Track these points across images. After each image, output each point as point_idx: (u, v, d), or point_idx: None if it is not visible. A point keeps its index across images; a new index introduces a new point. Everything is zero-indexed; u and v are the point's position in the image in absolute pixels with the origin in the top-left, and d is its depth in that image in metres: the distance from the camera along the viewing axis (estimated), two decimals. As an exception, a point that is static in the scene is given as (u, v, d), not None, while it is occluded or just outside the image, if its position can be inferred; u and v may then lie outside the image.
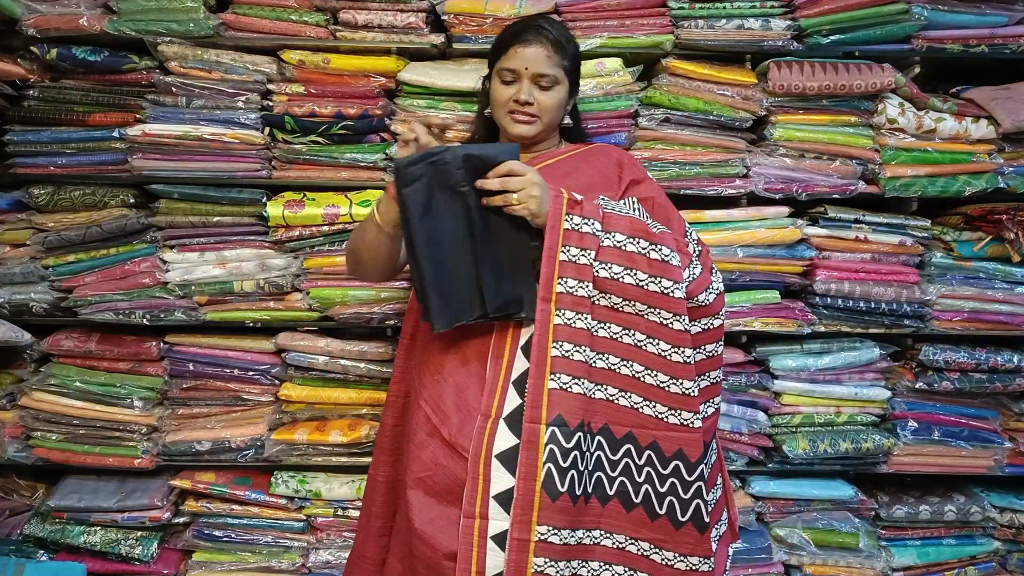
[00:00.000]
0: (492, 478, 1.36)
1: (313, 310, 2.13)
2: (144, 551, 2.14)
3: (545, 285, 1.37)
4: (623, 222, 1.42)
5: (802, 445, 2.15)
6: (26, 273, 2.11)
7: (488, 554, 1.33)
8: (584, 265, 1.38)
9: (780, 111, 2.09)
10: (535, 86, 1.56)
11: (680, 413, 1.39)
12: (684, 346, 1.38)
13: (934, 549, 2.23)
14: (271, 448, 2.13)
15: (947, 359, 2.14)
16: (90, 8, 2.03)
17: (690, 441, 1.39)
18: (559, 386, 1.35)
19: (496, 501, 1.35)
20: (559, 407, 1.35)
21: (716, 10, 2.05)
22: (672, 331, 1.38)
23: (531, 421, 1.34)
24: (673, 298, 1.38)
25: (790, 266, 2.14)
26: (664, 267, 1.40)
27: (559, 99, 1.59)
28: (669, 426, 1.39)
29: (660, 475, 1.38)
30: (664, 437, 1.39)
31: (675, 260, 1.41)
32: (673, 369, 1.39)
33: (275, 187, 2.11)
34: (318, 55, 2.06)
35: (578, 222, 1.39)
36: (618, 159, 1.64)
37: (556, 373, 1.35)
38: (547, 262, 1.38)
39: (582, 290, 1.38)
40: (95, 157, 2.06)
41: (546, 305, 1.37)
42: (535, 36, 1.57)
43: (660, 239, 1.42)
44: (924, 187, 2.12)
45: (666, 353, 1.38)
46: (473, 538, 1.34)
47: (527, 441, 1.33)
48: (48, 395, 2.13)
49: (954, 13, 2.10)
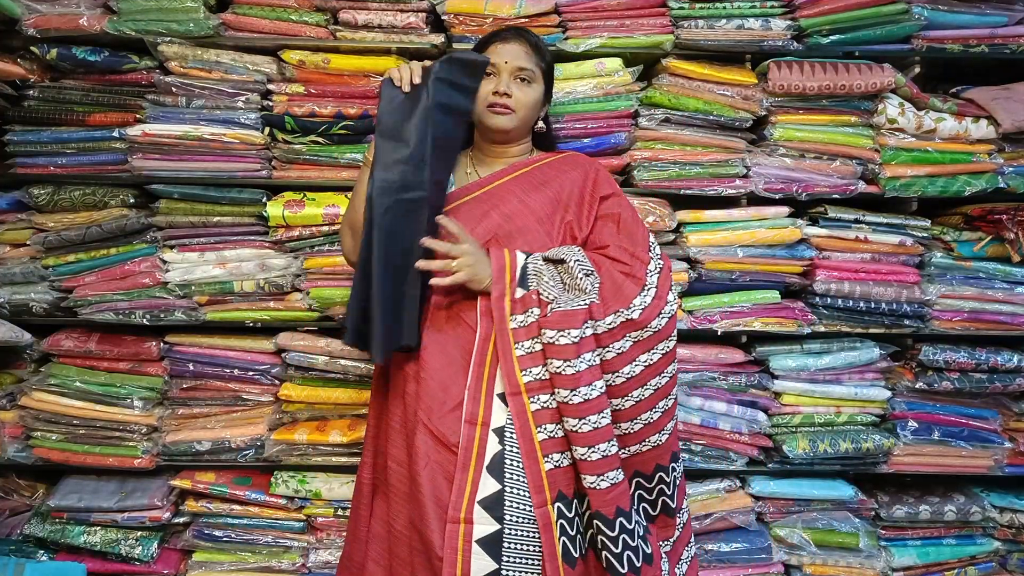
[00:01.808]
0: (480, 485, 1.40)
1: (313, 310, 2.13)
2: (144, 551, 2.14)
3: (510, 381, 1.43)
4: (553, 319, 1.44)
5: (802, 445, 2.15)
6: (26, 273, 2.12)
7: (472, 558, 1.37)
8: (538, 352, 1.45)
9: (780, 111, 2.09)
10: (514, 80, 1.62)
11: (607, 476, 1.43)
12: (589, 414, 1.41)
13: (934, 549, 2.23)
14: (271, 448, 2.13)
15: (947, 359, 2.14)
16: (90, 8, 2.03)
17: (622, 494, 1.45)
18: (554, 465, 1.43)
19: (480, 506, 1.39)
20: (557, 484, 1.42)
21: (716, 10, 2.05)
22: (573, 406, 1.41)
23: (540, 506, 1.40)
24: (567, 375, 1.41)
25: (790, 266, 2.14)
26: (561, 349, 1.42)
27: (536, 97, 1.65)
28: (603, 491, 1.43)
29: (611, 537, 1.43)
30: (604, 503, 1.43)
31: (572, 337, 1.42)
32: (586, 439, 1.42)
33: (275, 187, 2.11)
34: (318, 55, 2.06)
35: (521, 320, 1.46)
36: (590, 174, 1.67)
37: (548, 455, 1.42)
38: (505, 360, 1.44)
39: (544, 373, 1.44)
40: (95, 157, 2.06)
41: (517, 398, 1.43)
42: (514, 35, 1.66)
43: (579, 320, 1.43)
44: (924, 187, 2.12)
45: (576, 428, 1.42)
46: (458, 543, 1.38)
47: (543, 526, 1.40)
48: (48, 395, 2.13)
49: (954, 13, 2.10)
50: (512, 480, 1.40)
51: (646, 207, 2.08)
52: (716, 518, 2.18)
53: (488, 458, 1.42)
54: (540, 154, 1.74)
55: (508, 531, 1.38)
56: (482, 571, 1.37)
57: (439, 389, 1.48)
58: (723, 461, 2.19)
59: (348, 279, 2.10)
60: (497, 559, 1.37)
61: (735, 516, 2.19)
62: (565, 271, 1.51)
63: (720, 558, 2.17)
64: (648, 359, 1.50)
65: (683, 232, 2.13)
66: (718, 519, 2.18)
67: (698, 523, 2.18)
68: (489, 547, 1.38)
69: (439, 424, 1.45)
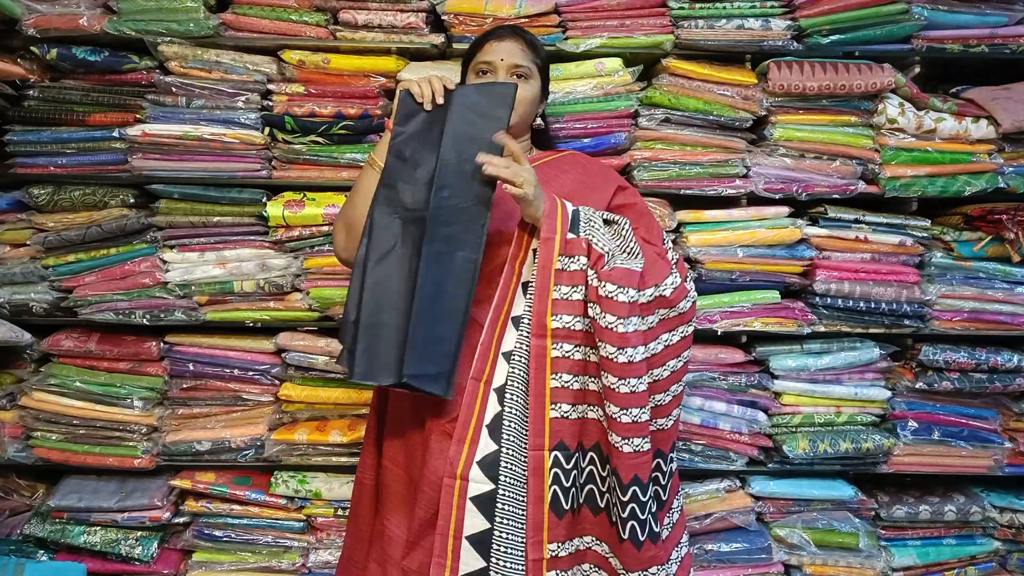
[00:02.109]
0: (480, 444, 1.40)
1: (313, 310, 2.13)
2: (144, 551, 2.14)
3: (538, 322, 1.40)
4: (616, 273, 1.40)
5: (802, 445, 2.15)
6: (26, 273, 2.12)
7: (466, 515, 1.38)
8: (575, 301, 1.41)
9: (780, 111, 2.09)
10: (510, 76, 1.60)
11: (632, 440, 1.40)
12: (629, 376, 1.39)
13: (934, 549, 2.23)
14: (271, 448, 2.13)
15: (947, 359, 2.14)
16: (90, 8, 2.03)
17: (642, 464, 1.42)
18: (560, 415, 1.41)
19: (478, 465, 1.39)
20: (560, 434, 1.41)
21: (716, 10, 2.05)
22: (618, 364, 1.38)
23: (535, 448, 1.40)
24: (617, 332, 1.38)
25: (790, 266, 2.14)
26: (618, 305, 1.39)
27: (533, 94, 1.63)
28: (625, 455, 1.40)
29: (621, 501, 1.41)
30: (622, 465, 1.40)
31: (630, 296, 1.40)
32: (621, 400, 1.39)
33: (275, 187, 2.11)
34: (318, 55, 2.06)
35: (565, 262, 1.42)
36: (598, 173, 1.67)
37: (556, 403, 1.41)
38: (540, 300, 1.40)
39: (575, 323, 1.41)
40: (95, 157, 2.06)
41: (541, 340, 1.40)
42: (509, 32, 1.64)
43: (640, 281, 1.42)
44: (924, 187, 2.12)
45: (613, 386, 1.39)
46: (453, 498, 1.38)
47: (533, 468, 1.39)
48: (48, 395, 2.13)
49: (954, 13, 2.10)
50: (508, 441, 1.39)
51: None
52: (716, 518, 2.18)
53: (488, 417, 1.41)
54: (540, 153, 1.74)
55: (502, 491, 1.38)
56: (475, 528, 1.38)
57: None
58: (723, 461, 2.19)
59: (348, 279, 2.09)
60: (490, 518, 1.38)
61: (735, 516, 2.19)
62: (617, 233, 1.49)
63: (720, 558, 2.17)
64: (669, 339, 1.50)
65: (683, 232, 2.12)
66: (718, 519, 2.18)
67: (698, 523, 2.18)
68: (483, 505, 1.38)
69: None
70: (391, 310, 1.38)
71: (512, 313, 1.46)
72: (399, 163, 1.43)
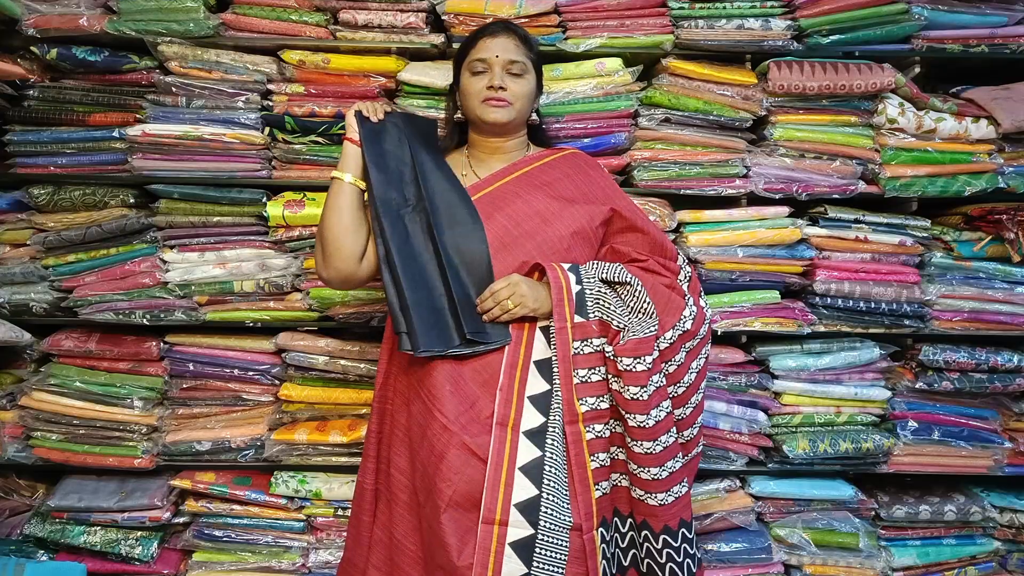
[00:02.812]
0: (515, 486, 1.39)
1: (313, 310, 2.13)
2: (144, 551, 2.14)
3: (568, 409, 1.44)
4: (629, 346, 1.44)
5: (802, 445, 2.15)
6: (26, 273, 2.12)
7: (505, 560, 1.36)
8: (597, 382, 1.46)
9: (780, 111, 2.09)
10: (507, 73, 1.60)
11: (672, 491, 1.47)
12: (660, 436, 1.44)
13: (934, 549, 2.23)
14: (271, 448, 2.13)
15: (947, 359, 2.14)
16: (90, 8, 2.03)
17: (684, 508, 1.49)
18: (601, 493, 1.45)
19: (516, 508, 1.38)
20: (604, 510, 1.45)
21: (716, 10, 2.05)
22: (648, 429, 1.43)
23: (587, 532, 1.42)
24: (642, 402, 1.43)
25: (790, 266, 2.14)
26: (638, 376, 1.42)
27: (530, 88, 1.64)
28: (668, 506, 1.46)
29: (674, 547, 1.46)
30: (661, 516, 1.46)
31: (647, 363, 1.43)
32: (658, 459, 1.45)
33: (275, 187, 2.11)
34: (318, 55, 2.06)
35: (578, 347, 1.46)
36: (600, 183, 1.68)
37: (598, 482, 1.45)
38: (565, 387, 1.44)
39: (600, 403, 1.45)
40: (95, 157, 2.06)
41: (574, 426, 1.44)
42: (502, 29, 1.64)
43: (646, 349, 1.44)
44: (924, 187, 2.12)
45: (649, 450, 1.44)
46: (491, 543, 1.37)
47: (590, 551, 1.41)
48: (48, 395, 2.13)
49: (954, 13, 2.10)
50: (551, 487, 1.39)
51: (646, 207, 2.08)
52: (716, 518, 2.18)
53: (521, 461, 1.41)
54: (539, 151, 1.73)
55: (541, 537, 1.37)
56: (513, 574, 1.36)
57: (466, 403, 1.47)
58: (723, 461, 2.19)
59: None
60: (528, 563, 1.36)
61: (735, 516, 2.19)
62: (629, 293, 1.51)
63: (720, 558, 2.17)
64: (698, 365, 1.57)
65: (683, 232, 2.12)
66: (718, 519, 2.18)
67: (698, 523, 2.17)
68: (521, 551, 1.37)
69: (475, 438, 1.44)
70: (430, 284, 1.50)
71: (533, 357, 1.49)
72: (383, 174, 1.55)
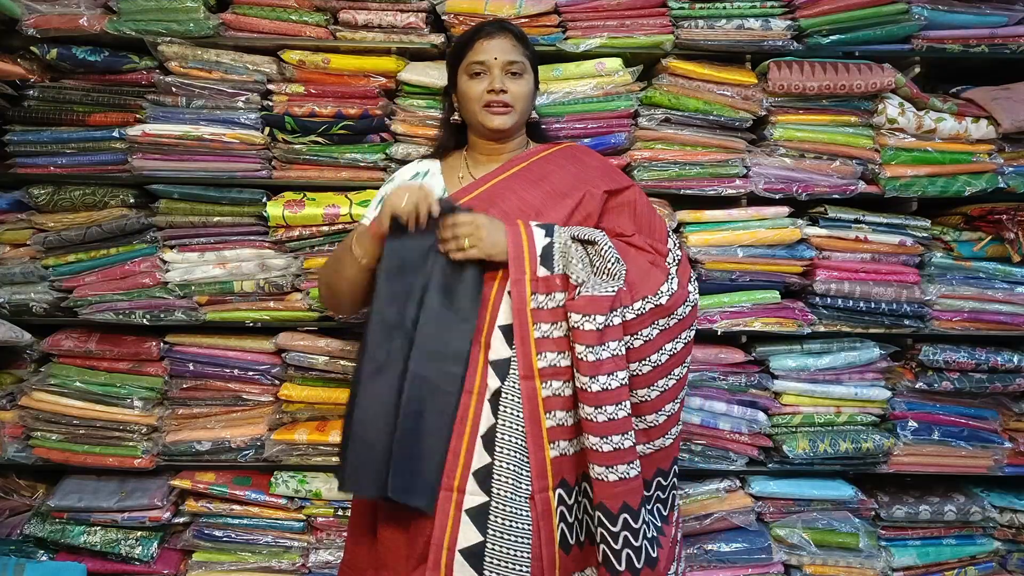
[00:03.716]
0: (474, 454, 1.40)
1: (313, 310, 2.13)
2: (144, 551, 2.14)
3: (524, 363, 1.40)
4: (580, 303, 1.39)
5: (802, 445, 2.15)
6: (26, 273, 2.11)
7: (461, 527, 1.38)
8: (559, 338, 1.41)
9: (780, 111, 2.09)
10: (506, 75, 1.58)
11: (616, 468, 1.39)
12: (605, 404, 1.38)
13: (934, 549, 2.23)
14: (271, 448, 2.13)
15: (947, 359, 2.14)
16: (90, 8, 2.03)
17: (632, 491, 1.41)
18: (559, 453, 1.42)
19: (474, 477, 1.39)
20: (562, 472, 1.42)
21: (716, 10, 2.05)
22: (591, 393, 1.38)
23: (541, 491, 1.40)
24: (588, 362, 1.38)
25: (790, 266, 2.14)
26: (585, 334, 1.38)
27: (529, 88, 1.63)
28: (610, 483, 1.39)
29: (612, 532, 1.39)
30: (606, 495, 1.40)
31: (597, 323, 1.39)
32: (599, 429, 1.39)
33: (275, 187, 2.11)
34: (318, 55, 2.06)
35: (542, 301, 1.42)
36: (597, 168, 1.65)
37: (555, 441, 1.41)
38: (521, 342, 1.41)
39: (560, 360, 1.41)
40: (95, 157, 2.06)
41: (530, 382, 1.41)
42: (497, 29, 1.61)
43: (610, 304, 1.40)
44: (924, 187, 2.12)
45: (590, 416, 1.39)
46: (450, 509, 1.38)
47: (542, 511, 1.39)
48: (48, 395, 2.13)
49: (954, 13, 2.10)
50: (502, 454, 1.39)
51: (646, 207, 2.08)
52: (716, 518, 2.18)
53: (482, 428, 1.40)
54: (537, 146, 1.71)
55: (495, 504, 1.37)
56: (468, 541, 1.37)
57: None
58: (723, 461, 2.19)
59: (348, 279, 2.10)
60: (483, 531, 1.37)
61: (735, 516, 2.19)
62: (596, 253, 1.47)
63: (720, 558, 2.17)
64: (672, 348, 1.49)
65: (683, 232, 2.12)
66: (718, 519, 2.18)
67: (698, 523, 2.18)
68: (476, 518, 1.38)
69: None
70: (378, 426, 1.42)
71: (498, 322, 1.45)
72: (390, 288, 1.47)
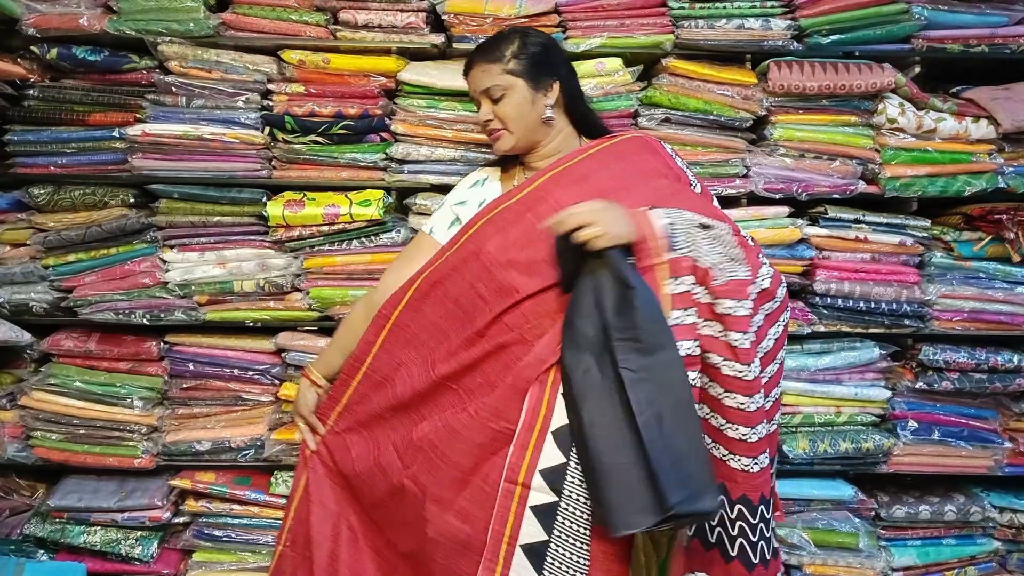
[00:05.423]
0: (543, 452, 1.33)
1: (313, 310, 2.13)
2: (144, 551, 2.14)
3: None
4: (731, 286, 1.31)
5: (802, 445, 2.15)
6: (26, 273, 2.12)
7: (523, 523, 1.32)
8: (687, 326, 1.31)
9: (780, 111, 2.09)
10: (489, 101, 1.61)
11: (759, 459, 1.33)
12: (754, 393, 1.31)
13: (934, 549, 2.23)
14: (271, 448, 2.13)
15: (947, 359, 2.14)
16: (90, 8, 2.03)
17: (765, 482, 1.35)
18: None
19: (541, 475, 1.32)
20: None
21: (716, 10, 2.05)
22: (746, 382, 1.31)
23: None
24: (744, 349, 1.30)
25: (790, 266, 2.14)
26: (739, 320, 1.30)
27: (516, 103, 1.58)
28: (754, 474, 1.34)
29: (751, 524, 1.35)
30: (749, 487, 1.35)
31: (747, 308, 1.32)
32: (751, 419, 1.32)
33: (275, 187, 2.11)
34: (318, 55, 2.06)
35: (674, 286, 1.31)
36: (647, 163, 1.57)
37: None
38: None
39: (693, 349, 1.31)
40: (95, 157, 2.06)
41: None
42: (472, 59, 1.64)
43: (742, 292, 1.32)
44: (924, 187, 2.12)
45: (743, 405, 1.32)
46: (512, 504, 1.33)
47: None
48: (48, 395, 2.13)
49: (954, 13, 2.10)
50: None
51: (646, 207, 2.08)
52: (716, 518, 2.18)
53: (554, 424, 1.33)
54: (591, 142, 1.63)
55: (564, 505, 1.30)
56: (532, 538, 1.31)
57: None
58: (723, 461, 2.19)
59: (348, 279, 2.10)
60: (549, 531, 1.31)
61: (735, 516, 2.19)
62: (713, 236, 1.38)
63: (720, 558, 2.17)
64: (776, 332, 1.43)
65: (683, 232, 2.12)
66: (718, 519, 2.18)
67: (698, 523, 2.18)
68: (542, 516, 1.32)
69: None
70: (621, 448, 1.24)
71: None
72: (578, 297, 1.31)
